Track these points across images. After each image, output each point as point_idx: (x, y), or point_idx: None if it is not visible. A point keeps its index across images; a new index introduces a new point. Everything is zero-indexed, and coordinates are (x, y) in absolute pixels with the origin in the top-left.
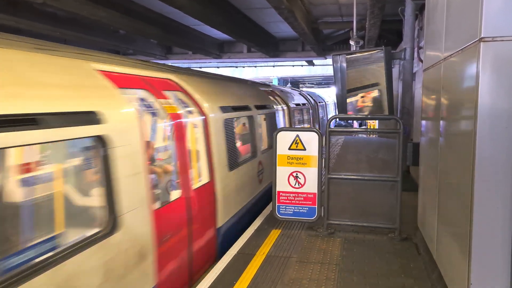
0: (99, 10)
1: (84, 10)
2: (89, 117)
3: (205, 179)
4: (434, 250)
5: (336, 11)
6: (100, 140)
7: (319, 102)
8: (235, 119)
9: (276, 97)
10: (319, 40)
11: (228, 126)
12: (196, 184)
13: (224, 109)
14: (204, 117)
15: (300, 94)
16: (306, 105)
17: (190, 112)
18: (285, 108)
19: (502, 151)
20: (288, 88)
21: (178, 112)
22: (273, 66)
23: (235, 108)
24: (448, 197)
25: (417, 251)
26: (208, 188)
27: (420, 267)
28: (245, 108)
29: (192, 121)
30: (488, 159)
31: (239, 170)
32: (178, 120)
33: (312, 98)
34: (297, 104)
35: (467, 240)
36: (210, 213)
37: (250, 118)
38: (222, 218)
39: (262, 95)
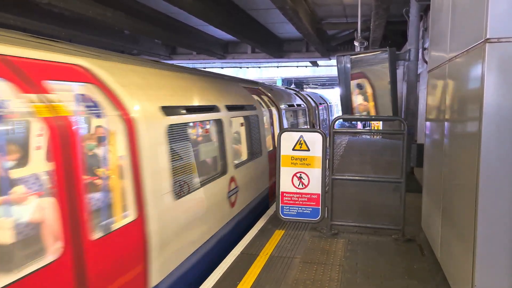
0: (104, 10)
1: (90, 10)
2: None
3: (126, 217)
4: (438, 252)
5: (340, 12)
6: None
7: (321, 104)
8: (189, 124)
9: (263, 97)
10: (323, 40)
11: (176, 134)
12: (99, 231)
13: (169, 110)
14: (128, 122)
15: (296, 94)
16: (302, 106)
17: (99, 115)
18: (274, 110)
19: (507, 152)
20: (282, 87)
21: (66, 114)
22: (277, 66)
23: (191, 109)
24: (452, 198)
25: (421, 253)
26: (132, 230)
27: (424, 269)
28: (209, 109)
29: (101, 127)
30: (493, 160)
31: (193, 196)
32: (62, 127)
33: (311, 99)
34: (290, 105)
35: (472, 241)
36: (135, 268)
37: (218, 122)
38: (160, 271)
39: (242, 94)
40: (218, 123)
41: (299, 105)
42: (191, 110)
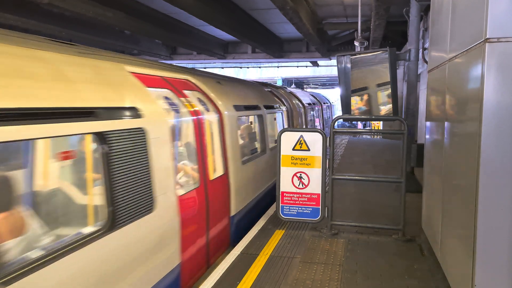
0: (105, 11)
1: (90, 10)
2: None
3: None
4: (438, 252)
5: (341, 12)
6: None
7: (311, 104)
8: None
9: (191, 94)
10: (324, 41)
11: None
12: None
13: None
14: None
15: (273, 92)
16: (276, 108)
17: None
18: (210, 115)
19: (507, 152)
20: (249, 81)
21: None
22: (277, 67)
23: None
24: (452, 198)
25: (421, 253)
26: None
27: (424, 269)
28: None
29: None
30: (493, 160)
31: None
32: None
33: (297, 99)
34: (250, 108)
35: (472, 241)
36: None
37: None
38: None
39: (102, 87)
40: None
41: (270, 107)
42: None
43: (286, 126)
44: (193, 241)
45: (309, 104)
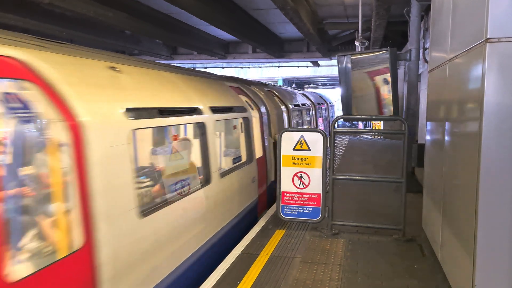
0: (105, 11)
1: (91, 10)
2: None
3: None
4: (439, 252)
5: (341, 12)
6: None
7: (297, 106)
8: None
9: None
10: (324, 40)
11: None
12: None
13: None
14: None
15: (242, 90)
16: (237, 113)
17: None
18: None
19: (507, 152)
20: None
21: None
22: (278, 67)
23: None
24: (453, 198)
25: (421, 253)
26: None
27: (424, 269)
28: None
29: None
30: (493, 160)
31: None
32: None
33: (276, 97)
34: (175, 112)
35: (472, 241)
36: None
37: None
38: None
39: None
40: None
41: (226, 110)
42: None
43: (255, 135)
44: None
45: (296, 105)
